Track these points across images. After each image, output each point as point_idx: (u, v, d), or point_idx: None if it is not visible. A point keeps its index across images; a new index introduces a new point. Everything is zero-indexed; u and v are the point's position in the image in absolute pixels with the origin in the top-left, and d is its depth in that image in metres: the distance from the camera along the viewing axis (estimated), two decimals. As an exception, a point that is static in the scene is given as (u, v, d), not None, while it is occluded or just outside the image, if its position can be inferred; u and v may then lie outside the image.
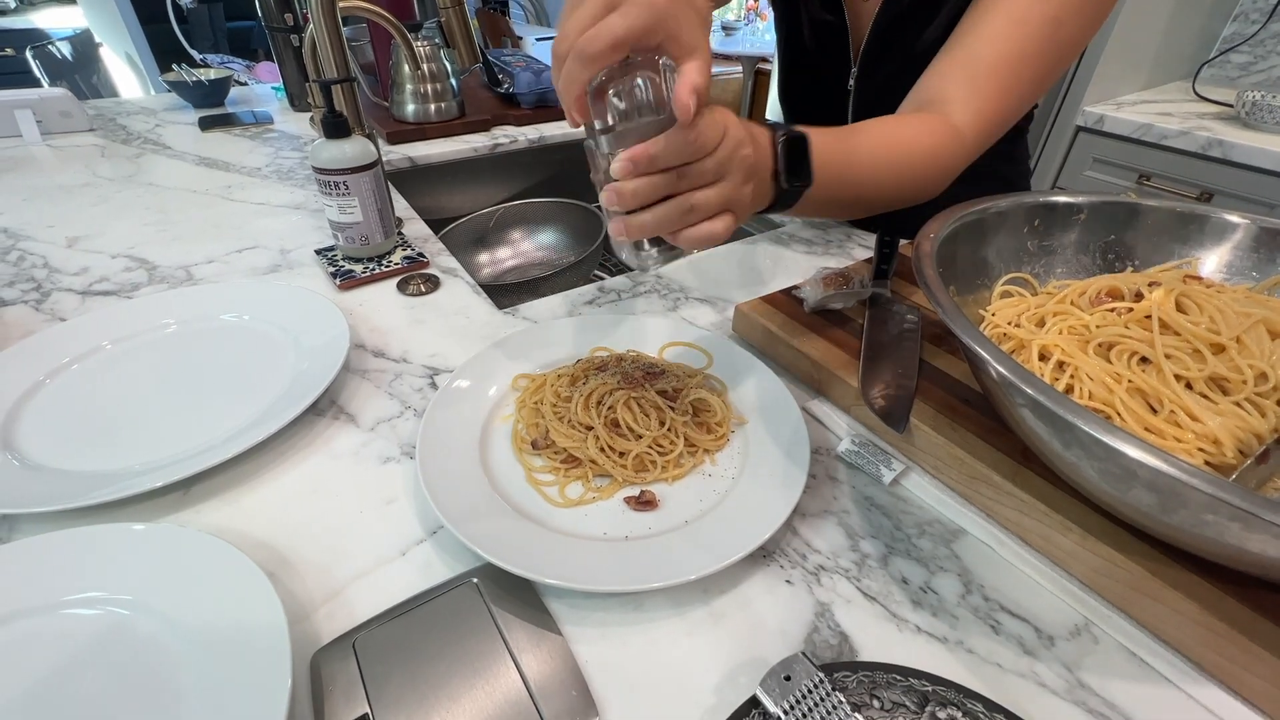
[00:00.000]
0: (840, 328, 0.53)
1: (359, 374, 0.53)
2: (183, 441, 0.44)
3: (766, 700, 0.28)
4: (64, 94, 1.07)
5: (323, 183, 0.61)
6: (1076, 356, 0.37)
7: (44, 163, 0.95)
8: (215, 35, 3.85)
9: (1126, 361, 0.37)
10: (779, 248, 0.75)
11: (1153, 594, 0.33)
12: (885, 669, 0.30)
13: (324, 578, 0.36)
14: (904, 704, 0.29)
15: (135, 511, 0.40)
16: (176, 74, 1.22)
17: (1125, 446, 0.26)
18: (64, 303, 0.62)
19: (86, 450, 0.44)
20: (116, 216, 0.78)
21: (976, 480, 0.40)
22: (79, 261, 0.68)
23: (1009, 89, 0.54)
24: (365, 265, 0.67)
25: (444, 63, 1.06)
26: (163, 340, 0.55)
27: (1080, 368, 0.37)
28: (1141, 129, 1.24)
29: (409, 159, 1.00)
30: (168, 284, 0.65)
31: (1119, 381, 0.36)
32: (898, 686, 0.30)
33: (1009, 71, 0.54)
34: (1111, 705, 0.31)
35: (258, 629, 0.31)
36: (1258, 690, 0.30)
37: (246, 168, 0.94)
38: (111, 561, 0.34)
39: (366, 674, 0.31)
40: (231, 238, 0.74)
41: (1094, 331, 0.39)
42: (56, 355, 0.52)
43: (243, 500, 0.41)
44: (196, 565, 0.34)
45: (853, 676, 0.30)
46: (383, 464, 0.44)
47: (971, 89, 0.54)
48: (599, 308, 0.63)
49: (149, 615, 0.32)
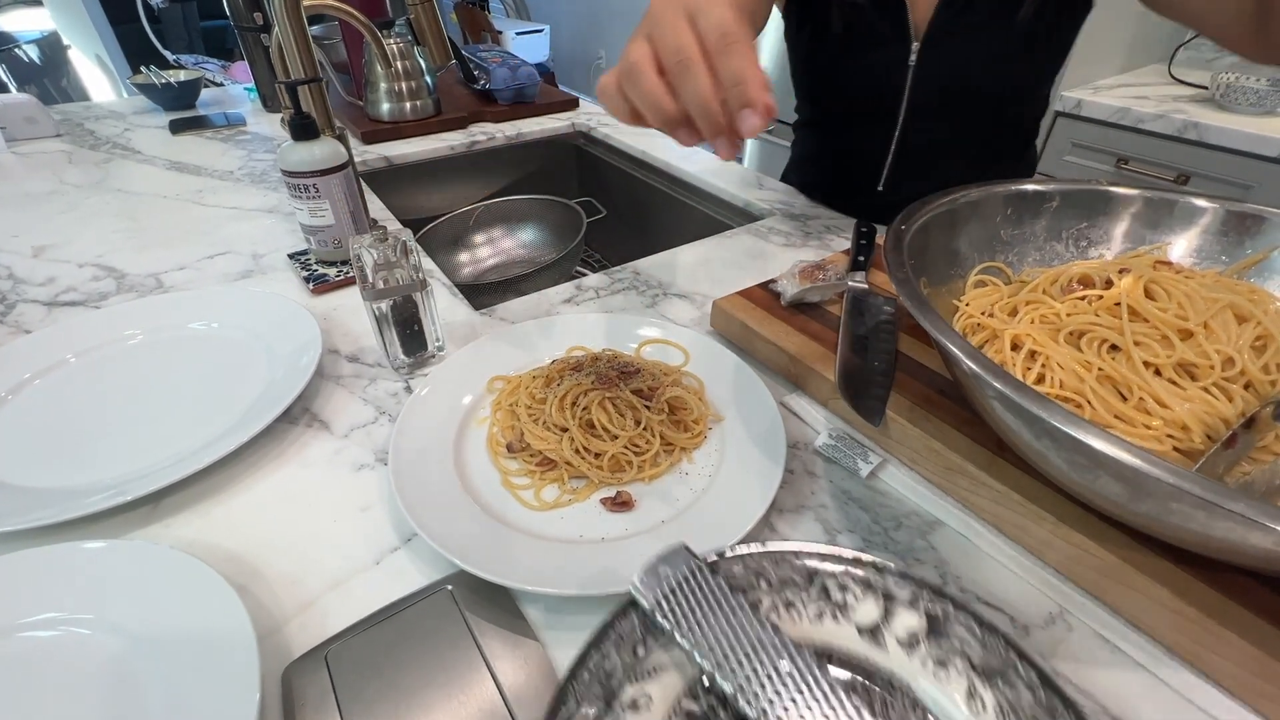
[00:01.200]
0: (818, 320, 0.53)
1: (333, 380, 0.52)
2: (152, 454, 0.43)
3: (641, 596, 0.26)
4: (29, 99, 1.04)
5: (292, 186, 0.60)
6: (1047, 346, 0.37)
7: (9, 170, 0.93)
8: (190, 35, 3.78)
9: (1097, 349, 0.37)
10: (758, 240, 0.75)
11: (1125, 580, 0.33)
12: (773, 553, 0.29)
13: (296, 589, 0.36)
14: (792, 579, 0.28)
15: (104, 527, 0.39)
16: (145, 76, 1.19)
17: (1089, 438, 0.26)
18: (29, 314, 0.60)
19: (53, 466, 0.43)
20: (84, 224, 0.77)
21: (953, 471, 0.40)
22: (45, 271, 0.67)
23: None
24: (339, 269, 0.66)
25: (417, 60, 1.04)
26: (130, 351, 0.54)
27: (1051, 357, 0.37)
28: (1119, 113, 1.25)
29: (385, 159, 0.99)
30: (137, 293, 0.63)
31: (1089, 370, 0.36)
32: (785, 564, 0.29)
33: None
34: (1086, 692, 0.32)
35: (225, 644, 0.30)
36: (1226, 672, 0.31)
37: (218, 171, 0.93)
38: (68, 581, 0.33)
39: (339, 687, 0.30)
40: (203, 243, 0.73)
41: (1064, 320, 0.39)
42: (20, 369, 0.50)
43: (213, 512, 0.41)
44: (160, 581, 0.33)
45: (738, 560, 0.29)
46: (356, 471, 0.44)
47: None
48: (576, 306, 0.62)
49: (111, 634, 0.32)
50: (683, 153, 1.01)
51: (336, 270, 0.66)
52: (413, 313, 0.50)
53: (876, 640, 0.27)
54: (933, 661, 0.26)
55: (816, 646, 0.27)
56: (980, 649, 0.26)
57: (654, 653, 0.27)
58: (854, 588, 0.28)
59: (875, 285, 0.57)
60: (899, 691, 0.26)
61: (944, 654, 0.26)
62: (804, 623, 0.27)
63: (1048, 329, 0.39)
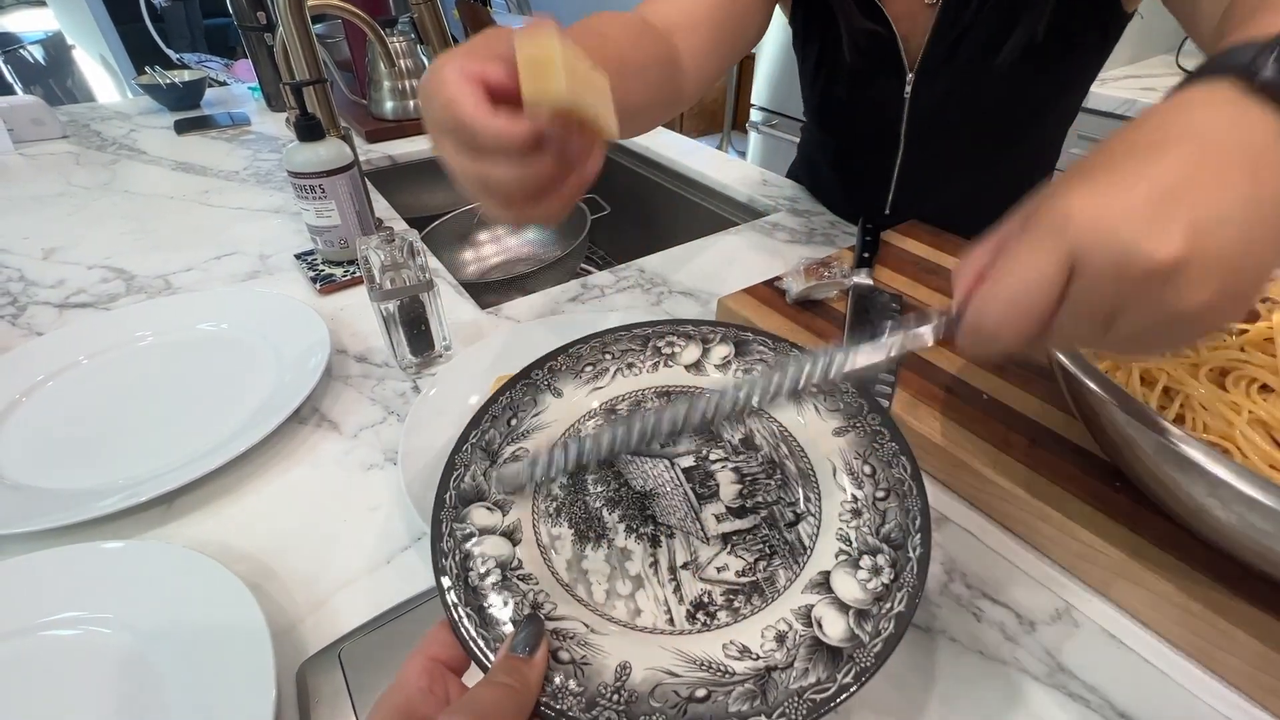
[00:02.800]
0: (823, 317, 0.53)
1: (341, 380, 0.52)
2: (164, 455, 0.44)
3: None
4: (35, 101, 1.05)
5: (298, 186, 0.61)
6: (1187, 383, 0.34)
7: (17, 172, 0.93)
8: (193, 33, 3.79)
9: (1245, 390, 0.33)
10: (762, 237, 0.75)
11: (1132, 577, 0.33)
12: (610, 330, 0.36)
13: (309, 588, 0.36)
14: (630, 348, 0.35)
15: (119, 527, 0.40)
16: (150, 76, 1.20)
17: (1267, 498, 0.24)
18: (41, 316, 0.61)
19: (67, 467, 0.43)
20: (92, 226, 0.77)
21: (958, 468, 0.40)
22: (55, 274, 0.68)
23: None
24: (345, 269, 0.66)
25: (421, 58, 1.04)
26: (141, 352, 0.54)
27: (1192, 396, 0.34)
28: (1125, 104, 1.24)
29: (389, 157, 0.99)
30: (146, 294, 0.64)
31: (1238, 412, 0.32)
32: (624, 339, 0.36)
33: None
34: (1092, 688, 0.32)
35: (241, 643, 0.31)
36: (1233, 668, 0.31)
37: (224, 171, 0.93)
38: (89, 581, 0.34)
39: (353, 684, 0.31)
40: (210, 244, 0.73)
41: (1204, 355, 0.35)
42: (33, 372, 0.51)
43: (226, 512, 0.41)
44: (176, 581, 0.34)
45: (584, 345, 0.35)
46: (366, 471, 0.44)
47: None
48: (582, 304, 0.63)
49: (130, 633, 0.32)
50: (686, 149, 1.01)
51: (343, 270, 0.66)
52: (420, 313, 0.50)
53: (700, 370, 0.34)
54: (741, 373, 0.34)
55: (656, 389, 0.34)
56: (773, 354, 0.34)
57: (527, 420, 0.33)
58: (679, 341, 0.35)
59: (880, 282, 0.57)
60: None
61: (749, 365, 0.34)
62: (644, 374, 0.34)
63: (1184, 364, 0.35)
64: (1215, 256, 0.20)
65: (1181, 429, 0.27)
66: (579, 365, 0.34)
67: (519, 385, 0.34)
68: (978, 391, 0.44)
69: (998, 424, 0.41)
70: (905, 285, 0.57)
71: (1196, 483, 0.27)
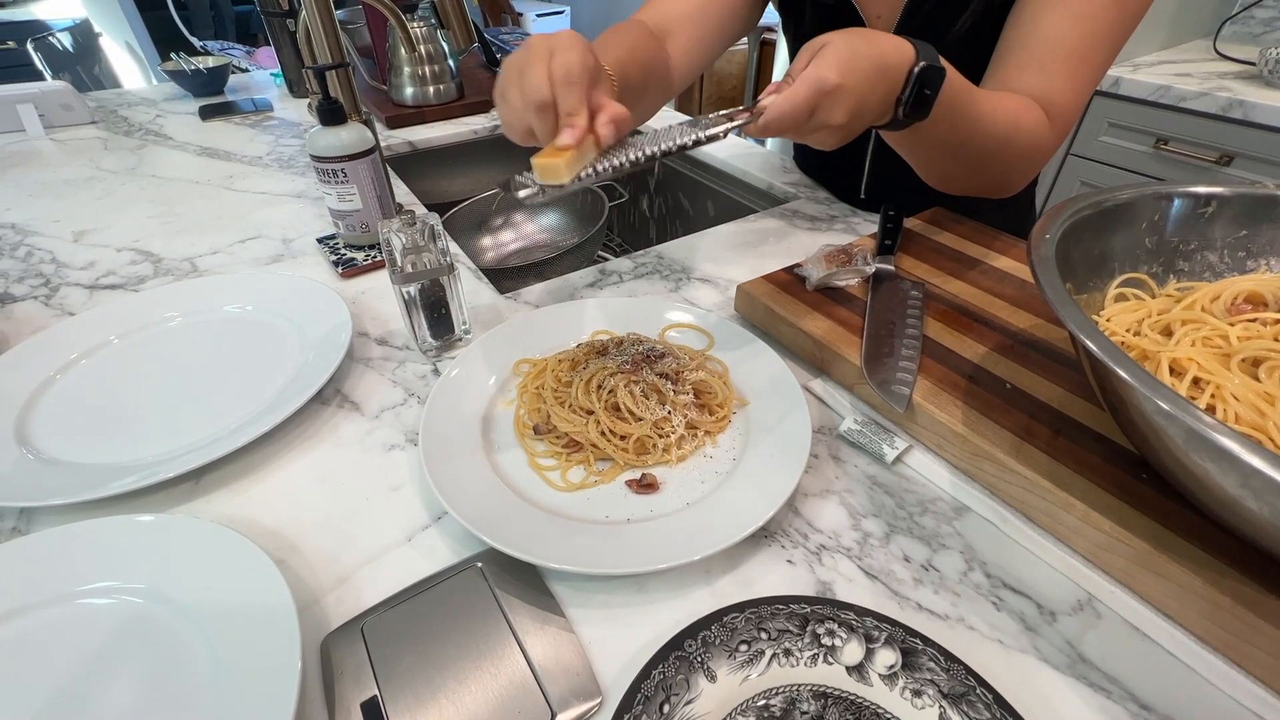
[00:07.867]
0: (843, 305, 0.53)
1: (363, 362, 0.53)
2: (192, 433, 0.45)
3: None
4: (65, 87, 1.07)
5: (321, 171, 0.61)
6: (1218, 373, 0.33)
7: (48, 157, 0.95)
8: (217, 21, 3.82)
9: (1279, 381, 0.32)
10: (782, 224, 0.74)
11: (1156, 569, 0.33)
12: (767, 601, 0.33)
13: (332, 564, 0.37)
14: (788, 629, 0.32)
15: (149, 502, 0.41)
16: (175, 63, 1.21)
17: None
18: (72, 297, 0.62)
19: (99, 443, 0.45)
20: (121, 209, 0.79)
21: (979, 457, 0.40)
22: (86, 256, 0.69)
23: (1085, 77, 0.53)
24: (367, 253, 0.67)
25: (441, 44, 1.04)
26: (169, 333, 0.56)
27: (1223, 387, 0.33)
28: (1159, 91, 1.20)
29: (409, 143, 0.99)
30: (173, 276, 0.65)
31: (1272, 404, 0.31)
32: (780, 615, 0.33)
33: (1081, 60, 0.52)
34: (1113, 679, 0.31)
35: (268, 615, 0.32)
36: (1260, 662, 0.30)
37: (248, 157, 0.94)
38: (123, 552, 0.35)
39: (375, 657, 0.32)
40: (234, 228, 0.74)
41: (1236, 345, 0.34)
42: (66, 351, 0.52)
43: (252, 489, 0.42)
44: (207, 554, 0.35)
45: (740, 615, 0.32)
46: (387, 451, 0.45)
47: (1048, 82, 0.53)
48: (600, 290, 0.63)
49: (162, 603, 0.33)
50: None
51: (364, 254, 0.66)
52: (440, 296, 0.51)
53: (863, 678, 0.31)
54: (910, 691, 0.30)
55: (813, 688, 0.30)
56: (946, 677, 0.30)
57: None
58: (840, 632, 0.32)
59: (902, 269, 0.56)
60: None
61: (918, 684, 0.30)
62: (801, 667, 0.31)
63: (1215, 354, 0.34)
64: (853, 90, 0.41)
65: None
66: (733, 641, 0.31)
67: (671, 658, 0.31)
68: (1000, 380, 0.44)
69: (1020, 413, 0.41)
70: (927, 273, 0.56)
71: (1229, 473, 0.27)
